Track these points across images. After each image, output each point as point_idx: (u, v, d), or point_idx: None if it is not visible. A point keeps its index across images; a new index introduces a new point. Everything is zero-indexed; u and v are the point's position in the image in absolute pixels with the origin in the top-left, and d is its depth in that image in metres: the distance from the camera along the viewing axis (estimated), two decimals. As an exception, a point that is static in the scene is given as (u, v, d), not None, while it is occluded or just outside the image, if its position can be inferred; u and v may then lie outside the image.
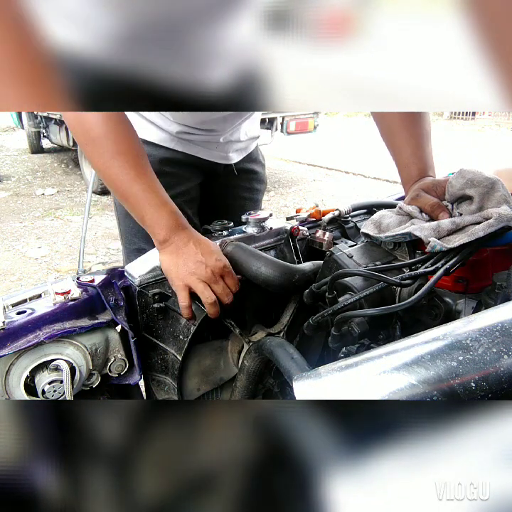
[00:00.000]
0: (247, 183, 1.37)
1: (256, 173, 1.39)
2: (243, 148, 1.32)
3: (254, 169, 1.38)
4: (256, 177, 1.39)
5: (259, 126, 1.39)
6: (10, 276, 3.27)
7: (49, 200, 5.31)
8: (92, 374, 0.77)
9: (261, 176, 1.41)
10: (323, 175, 6.81)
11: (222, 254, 0.84)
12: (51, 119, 6.49)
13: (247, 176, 1.36)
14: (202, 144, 1.22)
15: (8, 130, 10.26)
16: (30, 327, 0.69)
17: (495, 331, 0.40)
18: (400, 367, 0.40)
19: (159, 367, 0.88)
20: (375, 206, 1.15)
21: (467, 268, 0.69)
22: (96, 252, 3.75)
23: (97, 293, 0.78)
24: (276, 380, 0.90)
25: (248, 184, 1.37)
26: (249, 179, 1.37)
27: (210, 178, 1.30)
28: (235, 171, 1.31)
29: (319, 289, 0.76)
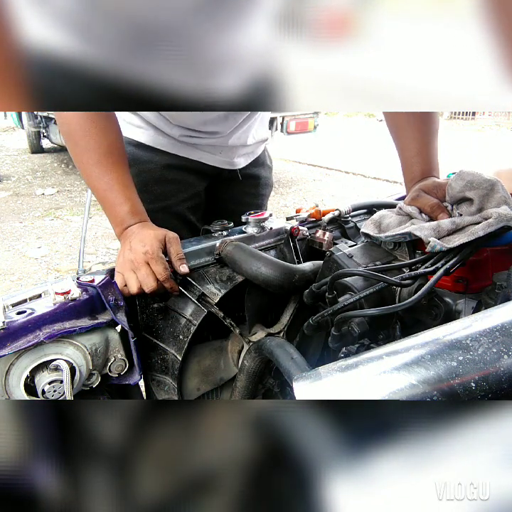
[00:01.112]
0: (252, 189, 1.34)
1: (262, 178, 1.36)
2: (250, 152, 1.30)
3: (261, 174, 1.35)
4: (262, 182, 1.36)
5: (267, 127, 1.36)
6: (10, 276, 3.27)
7: (49, 200, 5.31)
8: (92, 374, 0.77)
9: (267, 180, 1.38)
10: (323, 175, 6.81)
11: (158, 241, 0.82)
12: (51, 119, 6.48)
13: (252, 181, 1.33)
14: (206, 149, 1.19)
15: (8, 130, 10.26)
16: (30, 327, 0.69)
17: (495, 331, 0.40)
18: (399, 367, 0.40)
19: (159, 367, 0.88)
20: (375, 206, 1.15)
21: (467, 268, 0.69)
22: (96, 252, 3.75)
23: (97, 293, 0.78)
24: (276, 380, 0.90)
25: (253, 190, 1.34)
26: (255, 185, 1.34)
27: (214, 183, 1.28)
28: (239, 176, 1.28)
29: (319, 289, 0.76)
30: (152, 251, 0.80)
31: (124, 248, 0.83)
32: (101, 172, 0.87)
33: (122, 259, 0.82)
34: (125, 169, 0.90)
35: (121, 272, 0.81)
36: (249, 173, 1.31)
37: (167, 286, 0.81)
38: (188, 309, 0.85)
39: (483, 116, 13.22)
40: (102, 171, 0.87)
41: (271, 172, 1.42)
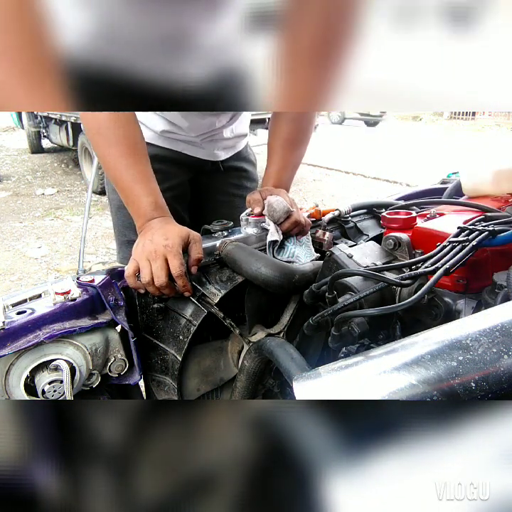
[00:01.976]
0: (235, 180, 1.37)
1: (246, 171, 1.40)
2: (230, 146, 1.33)
3: (244, 167, 1.39)
4: (246, 175, 1.40)
5: (248, 124, 1.39)
6: (10, 276, 3.27)
7: (49, 200, 5.31)
8: (92, 374, 0.77)
9: (251, 174, 1.42)
10: (323, 175, 6.81)
11: (180, 237, 0.82)
12: (51, 119, 6.48)
13: (236, 173, 1.37)
14: (187, 142, 1.24)
15: (8, 130, 10.27)
16: (30, 327, 0.69)
17: (495, 331, 0.40)
18: (400, 367, 0.40)
19: (159, 367, 0.88)
20: (375, 206, 1.16)
21: (467, 268, 0.69)
22: (96, 252, 3.75)
23: (97, 293, 0.78)
24: (276, 380, 0.90)
25: (237, 181, 1.38)
26: (238, 176, 1.38)
27: (198, 174, 1.32)
28: (221, 167, 1.33)
29: (319, 289, 0.76)
30: (172, 245, 0.80)
31: (145, 238, 0.83)
32: (128, 164, 0.88)
33: (141, 248, 0.82)
34: (148, 163, 0.92)
35: (137, 259, 0.81)
36: (232, 165, 1.36)
37: (179, 283, 0.80)
38: (188, 310, 0.85)
39: (483, 116, 13.22)
40: (129, 162, 0.88)
41: (255, 168, 1.46)
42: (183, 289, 0.81)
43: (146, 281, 0.79)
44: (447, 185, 1.24)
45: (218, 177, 1.34)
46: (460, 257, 0.65)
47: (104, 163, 0.92)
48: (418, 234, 0.81)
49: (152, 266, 0.79)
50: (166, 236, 0.81)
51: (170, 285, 0.80)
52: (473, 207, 0.90)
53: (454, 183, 1.18)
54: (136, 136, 0.92)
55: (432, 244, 0.72)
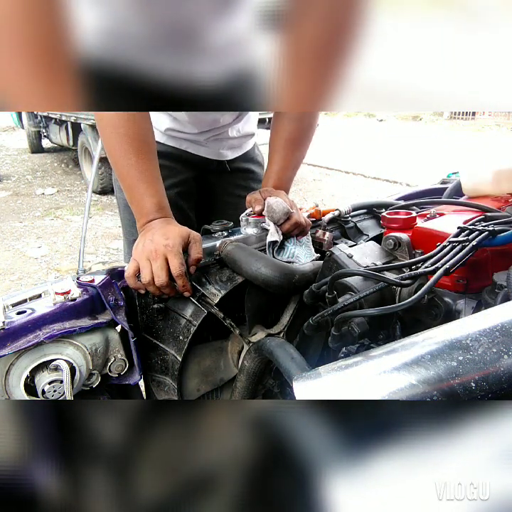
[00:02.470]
0: (242, 182, 1.36)
1: (253, 172, 1.39)
2: (237, 145, 1.32)
3: (251, 168, 1.38)
4: (253, 176, 1.39)
5: (256, 124, 1.38)
6: (10, 276, 3.27)
7: (49, 199, 5.31)
8: (92, 374, 0.77)
9: (258, 175, 1.41)
10: (323, 175, 6.81)
11: (181, 237, 0.82)
12: (51, 119, 6.47)
13: (243, 174, 1.36)
14: (191, 140, 1.24)
15: (8, 130, 10.27)
16: (30, 327, 0.69)
17: (495, 331, 0.40)
18: (400, 367, 0.40)
19: (159, 367, 0.88)
20: (375, 206, 1.16)
21: (467, 268, 0.69)
22: (96, 252, 3.75)
23: (97, 293, 0.78)
24: (276, 380, 0.90)
25: (244, 183, 1.37)
26: (245, 178, 1.37)
27: (204, 173, 1.31)
28: (228, 168, 1.32)
29: (319, 289, 0.76)
30: (173, 245, 0.80)
31: (145, 238, 0.83)
32: (138, 161, 0.89)
33: (142, 248, 0.82)
34: (157, 163, 0.93)
35: (137, 259, 0.81)
36: (239, 166, 1.35)
37: (179, 283, 0.80)
38: (188, 310, 0.85)
39: (483, 116, 13.22)
40: (139, 159, 0.89)
41: (262, 169, 1.44)
42: (182, 289, 0.81)
43: (146, 281, 0.79)
44: (447, 185, 1.24)
45: (225, 177, 1.33)
46: (460, 257, 0.65)
47: (112, 159, 0.92)
48: (418, 234, 0.81)
49: (152, 265, 0.79)
50: (166, 236, 0.82)
51: (170, 285, 0.80)
52: (473, 207, 0.90)
53: (454, 183, 1.18)
54: (148, 136, 0.92)
55: (431, 244, 0.72)
